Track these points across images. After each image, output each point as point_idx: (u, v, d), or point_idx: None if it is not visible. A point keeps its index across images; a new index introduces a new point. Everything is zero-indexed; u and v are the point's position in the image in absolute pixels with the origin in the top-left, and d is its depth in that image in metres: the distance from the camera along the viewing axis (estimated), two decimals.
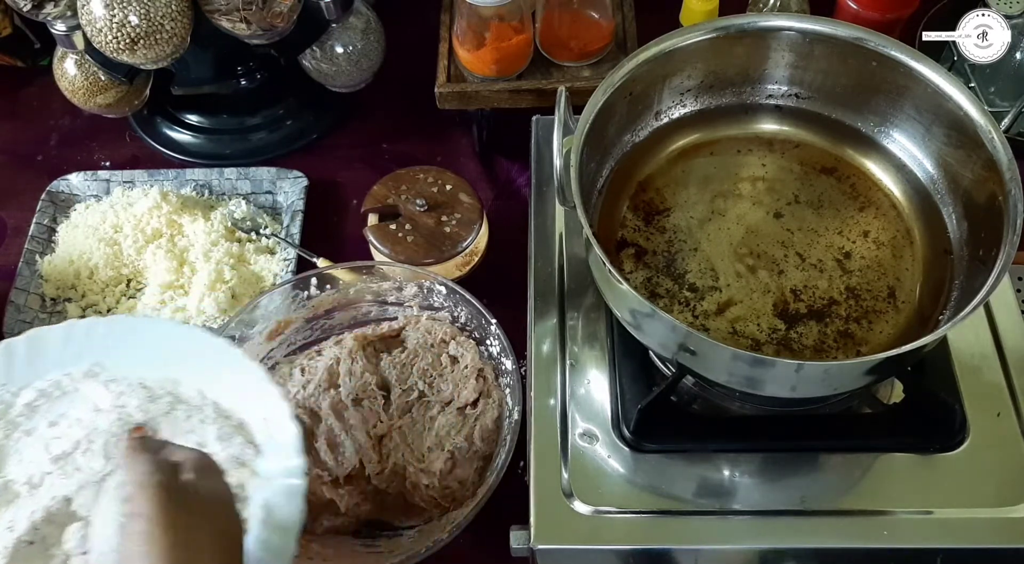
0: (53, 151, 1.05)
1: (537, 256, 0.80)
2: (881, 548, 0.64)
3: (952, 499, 0.66)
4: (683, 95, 0.79)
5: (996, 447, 0.68)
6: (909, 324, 0.69)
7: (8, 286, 0.89)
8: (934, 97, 0.71)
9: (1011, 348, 0.72)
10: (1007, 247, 0.62)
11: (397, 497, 0.75)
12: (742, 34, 0.75)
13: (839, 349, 0.68)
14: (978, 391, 0.70)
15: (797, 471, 0.68)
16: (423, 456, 0.74)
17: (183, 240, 0.92)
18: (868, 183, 0.77)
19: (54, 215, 0.96)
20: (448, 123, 1.03)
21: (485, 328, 0.78)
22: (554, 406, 0.71)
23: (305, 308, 0.82)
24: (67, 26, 0.87)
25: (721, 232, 0.74)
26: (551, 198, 0.83)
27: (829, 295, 0.71)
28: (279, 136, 1.03)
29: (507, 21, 0.89)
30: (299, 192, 0.96)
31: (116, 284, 0.91)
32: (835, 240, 0.74)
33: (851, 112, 0.78)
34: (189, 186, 0.97)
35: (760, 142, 0.80)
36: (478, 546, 0.75)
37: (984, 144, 0.67)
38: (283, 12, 0.86)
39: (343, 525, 0.75)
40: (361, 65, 0.96)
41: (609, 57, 0.95)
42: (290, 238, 0.92)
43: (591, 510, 0.66)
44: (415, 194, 0.87)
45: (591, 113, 0.69)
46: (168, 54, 0.85)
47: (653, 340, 0.67)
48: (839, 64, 0.75)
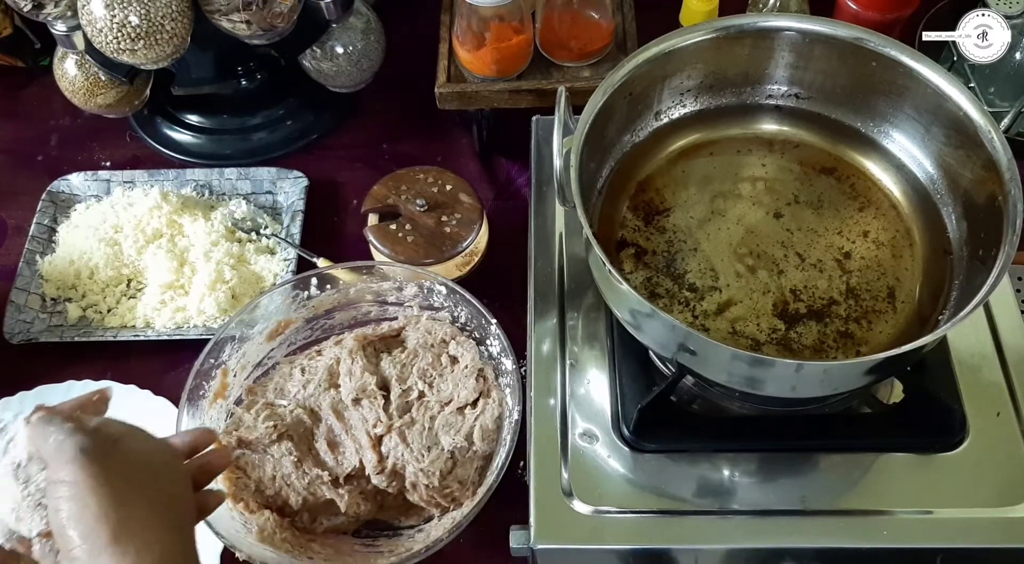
0: (53, 151, 1.05)
1: (537, 256, 0.80)
2: (881, 548, 0.65)
3: (952, 499, 0.66)
4: (683, 95, 0.79)
5: (996, 447, 0.68)
6: (909, 324, 0.70)
7: (8, 286, 0.90)
8: (934, 97, 0.71)
9: (1011, 348, 0.73)
10: (1007, 247, 0.62)
11: (397, 497, 0.75)
12: (742, 34, 0.75)
13: (839, 349, 0.68)
14: (978, 391, 0.70)
15: (797, 471, 0.68)
16: (423, 456, 0.74)
17: (183, 240, 0.92)
18: (868, 183, 0.77)
19: (54, 215, 0.96)
20: (448, 123, 1.03)
21: (485, 328, 0.78)
22: (554, 406, 0.71)
23: (305, 308, 0.82)
24: (67, 26, 0.87)
25: (721, 232, 0.74)
26: (551, 198, 0.83)
27: (829, 295, 0.71)
28: (279, 136, 1.03)
29: (507, 21, 0.89)
30: (299, 192, 0.96)
31: (116, 284, 0.91)
32: (835, 240, 0.74)
33: (851, 112, 0.78)
34: (189, 186, 0.97)
35: (760, 142, 0.80)
36: (478, 546, 0.75)
37: (984, 144, 0.67)
38: (283, 12, 0.86)
39: (343, 525, 0.75)
40: (361, 65, 0.96)
41: (609, 57, 0.95)
42: (290, 238, 0.92)
43: (591, 510, 0.66)
44: (415, 194, 0.87)
45: (591, 113, 0.69)
46: (168, 54, 0.85)
47: (653, 340, 0.67)
48: (839, 64, 0.75)
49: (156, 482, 0.53)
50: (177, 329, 0.87)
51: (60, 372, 0.85)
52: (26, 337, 0.86)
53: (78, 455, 0.50)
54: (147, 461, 0.54)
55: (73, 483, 0.49)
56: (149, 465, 0.54)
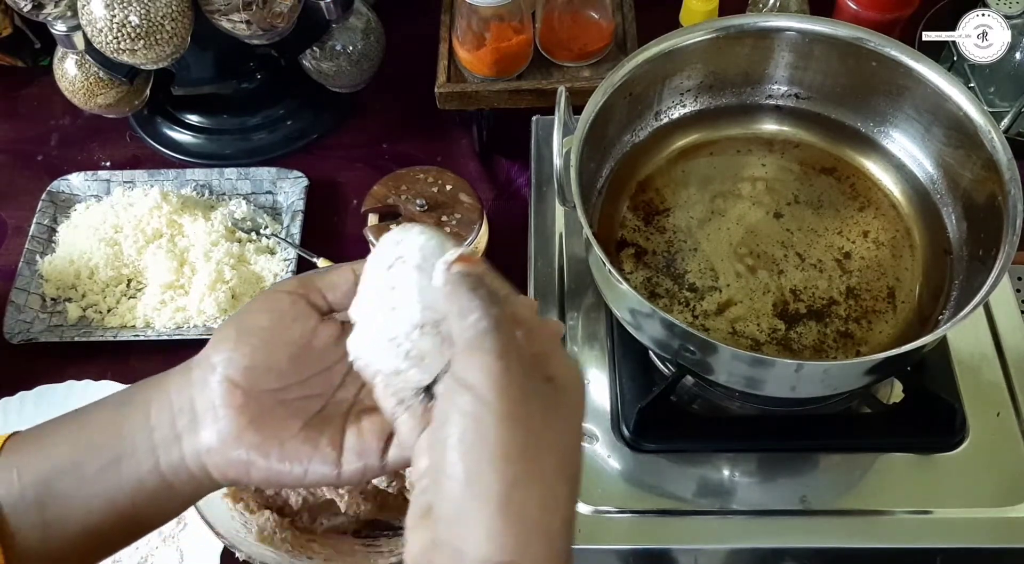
0: (53, 151, 1.05)
1: (537, 256, 0.80)
2: (881, 548, 0.65)
3: (952, 499, 0.66)
4: (683, 95, 0.79)
5: (996, 447, 0.68)
6: (909, 324, 0.69)
7: (8, 286, 0.89)
8: (934, 97, 0.71)
9: (1011, 348, 0.72)
10: (1007, 247, 0.62)
11: (397, 497, 0.75)
12: (742, 34, 0.75)
13: (839, 349, 0.68)
14: (978, 391, 0.70)
15: (797, 471, 0.68)
16: None
17: (183, 240, 0.92)
18: (868, 183, 0.77)
19: (54, 215, 0.96)
20: (448, 123, 1.03)
21: None
22: None
23: None
24: (67, 26, 0.87)
25: (721, 232, 0.74)
26: (551, 198, 0.83)
27: (829, 295, 0.71)
28: (279, 136, 1.03)
29: (507, 21, 0.89)
30: (299, 192, 0.96)
31: (116, 284, 0.91)
32: (835, 240, 0.74)
33: (851, 112, 0.78)
34: (189, 186, 0.97)
35: (760, 142, 0.80)
36: None
37: (984, 144, 0.67)
38: (283, 12, 0.86)
39: (343, 525, 0.75)
40: (361, 65, 0.96)
41: (609, 57, 0.95)
42: (290, 238, 0.92)
43: (591, 510, 0.66)
44: (415, 194, 0.87)
45: (591, 113, 0.69)
46: (168, 54, 0.85)
47: (653, 340, 0.67)
48: (839, 64, 0.75)
49: (571, 424, 0.41)
50: (177, 329, 0.87)
51: (60, 372, 0.85)
52: (26, 337, 0.86)
53: (500, 371, 0.38)
54: (569, 397, 0.42)
55: (481, 401, 0.38)
56: (571, 405, 0.42)
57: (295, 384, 0.46)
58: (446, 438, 0.38)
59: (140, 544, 0.76)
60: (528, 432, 0.38)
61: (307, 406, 0.46)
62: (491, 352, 0.39)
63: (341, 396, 0.47)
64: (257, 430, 0.44)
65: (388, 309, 0.44)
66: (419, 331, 0.43)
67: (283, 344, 0.45)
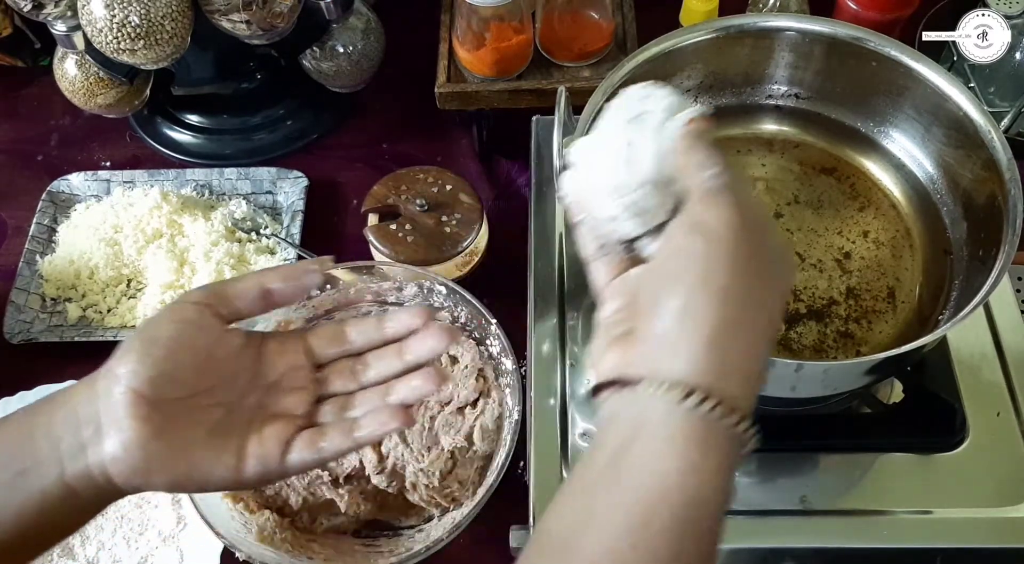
0: (53, 151, 1.05)
1: (537, 256, 0.80)
2: (881, 548, 0.65)
3: (952, 499, 0.66)
4: (683, 95, 0.79)
5: (996, 447, 0.68)
6: (909, 324, 0.70)
7: (8, 286, 0.89)
8: (934, 97, 0.71)
9: (1011, 348, 0.72)
10: (1007, 247, 0.62)
11: (397, 497, 0.75)
12: (742, 34, 0.75)
13: (838, 349, 0.68)
14: (978, 391, 0.70)
15: (797, 471, 0.68)
16: (423, 456, 0.74)
17: (183, 240, 0.92)
18: (868, 183, 0.77)
19: (54, 215, 0.96)
20: (448, 123, 1.03)
21: (485, 328, 0.78)
22: (554, 406, 0.71)
23: (305, 308, 0.82)
24: (67, 26, 0.87)
25: None
26: (551, 198, 0.83)
27: (829, 295, 0.71)
28: (279, 136, 1.03)
29: (507, 21, 0.89)
30: (299, 192, 0.96)
31: (116, 284, 0.91)
32: (835, 240, 0.74)
33: (851, 112, 0.78)
34: (189, 186, 0.97)
35: (760, 142, 0.80)
36: (478, 546, 0.75)
37: (984, 144, 0.67)
38: (283, 12, 0.86)
39: (343, 525, 0.75)
40: (361, 65, 0.96)
41: (609, 57, 0.95)
42: (290, 238, 0.92)
43: None
44: (415, 194, 0.87)
45: (591, 113, 0.69)
46: (168, 54, 0.85)
47: None
48: (839, 64, 0.75)
49: (782, 291, 0.43)
50: None
51: (60, 372, 0.85)
52: (26, 337, 0.86)
53: (739, 223, 0.40)
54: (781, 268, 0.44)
55: (716, 244, 0.40)
56: (783, 275, 0.44)
57: (200, 393, 0.48)
58: (670, 272, 0.41)
59: (140, 544, 0.76)
60: (750, 284, 0.40)
61: (211, 414, 0.48)
62: (731, 205, 0.41)
63: (245, 403, 0.49)
64: (161, 439, 0.45)
65: (622, 161, 0.45)
66: (646, 188, 0.45)
67: (188, 354, 0.47)
